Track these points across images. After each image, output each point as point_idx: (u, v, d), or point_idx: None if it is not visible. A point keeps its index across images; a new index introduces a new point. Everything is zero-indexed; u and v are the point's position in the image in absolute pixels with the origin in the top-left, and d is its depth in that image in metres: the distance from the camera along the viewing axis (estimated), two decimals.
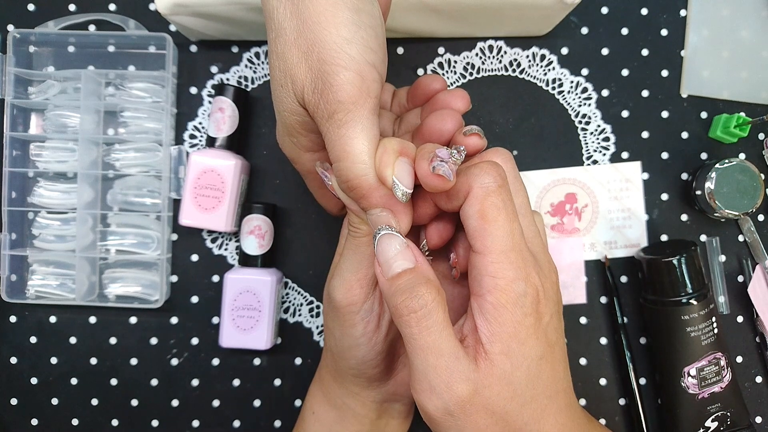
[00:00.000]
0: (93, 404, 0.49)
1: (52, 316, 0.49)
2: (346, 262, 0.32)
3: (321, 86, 0.27)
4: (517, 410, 0.27)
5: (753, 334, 0.49)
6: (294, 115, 0.30)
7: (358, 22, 0.27)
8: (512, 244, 0.27)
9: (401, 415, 0.39)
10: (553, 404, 0.28)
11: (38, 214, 0.48)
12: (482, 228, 0.27)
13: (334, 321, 0.34)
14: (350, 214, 0.31)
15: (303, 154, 0.32)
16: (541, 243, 0.30)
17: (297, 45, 0.27)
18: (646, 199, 0.49)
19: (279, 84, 0.29)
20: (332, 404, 0.38)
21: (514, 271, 0.27)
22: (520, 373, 0.27)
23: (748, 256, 0.50)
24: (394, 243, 0.28)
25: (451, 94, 0.36)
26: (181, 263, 0.49)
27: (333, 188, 0.30)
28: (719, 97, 0.50)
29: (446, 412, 0.27)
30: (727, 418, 0.44)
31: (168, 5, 0.41)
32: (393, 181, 0.27)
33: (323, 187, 0.35)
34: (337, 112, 0.27)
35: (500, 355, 0.27)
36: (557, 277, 0.30)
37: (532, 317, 0.27)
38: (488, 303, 0.27)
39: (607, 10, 0.49)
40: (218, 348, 0.49)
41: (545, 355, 0.28)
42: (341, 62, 0.26)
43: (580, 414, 0.31)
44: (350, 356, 0.34)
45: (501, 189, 0.27)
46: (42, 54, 0.49)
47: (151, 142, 0.48)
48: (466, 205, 0.28)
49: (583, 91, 0.49)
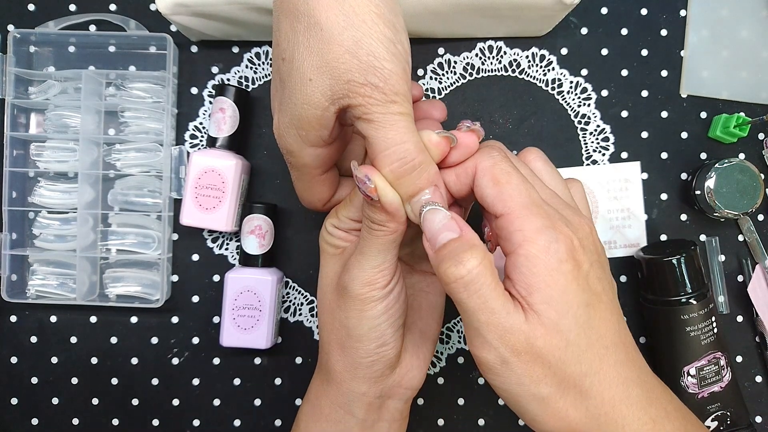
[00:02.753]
0: (93, 404, 0.49)
1: (53, 315, 0.49)
2: (368, 258, 0.32)
3: (375, 80, 0.28)
4: (573, 360, 0.27)
5: (753, 333, 0.49)
6: (316, 109, 0.30)
7: (397, 25, 0.29)
8: (530, 199, 0.29)
9: (401, 416, 0.39)
10: (611, 356, 0.28)
11: (39, 214, 0.48)
12: (499, 192, 0.29)
13: (348, 310, 0.33)
14: (375, 213, 0.31)
15: (306, 148, 0.32)
16: (562, 202, 0.31)
17: (338, 42, 0.28)
18: (645, 199, 0.49)
19: (306, 77, 0.29)
20: (329, 419, 0.37)
21: (541, 221, 0.28)
22: (567, 321, 0.27)
23: (747, 256, 0.50)
24: (439, 217, 0.29)
25: (431, 104, 0.38)
26: (181, 263, 0.49)
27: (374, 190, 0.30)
28: (719, 97, 0.50)
29: (502, 362, 0.27)
30: (726, 417, 0.44)
31: (169, 5, 0.41)
32: (438, 132, 0.31)
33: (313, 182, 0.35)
34: (395, 102, 0.29)
35: (542, 305, 0.27)
36: (591, 230, 0.30)
37: (568, 263, 0.27)
38: (520, 256, 0.28)
39: (607, 11, 0.50)
40: (219, 347, 0.49)
41: (591, 302, 0.28)
42: (391, 58, 0.29)
43: (645, 371, 0.30)
44: (369, 340, 0.34)
45: (505, 159, 0.30)
46: (42, 54, 0.49)
47: (151, 142, 0.48)
48: (478, 179, 0.30)
49: (583, 92, 0.49)
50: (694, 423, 0.30)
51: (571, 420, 0.28)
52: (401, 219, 0.31)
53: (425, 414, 0.49)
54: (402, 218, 0.31)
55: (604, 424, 0.28)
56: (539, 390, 0.28)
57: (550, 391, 0.28)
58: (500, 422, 0.49)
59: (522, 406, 0.29)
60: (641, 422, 0.28)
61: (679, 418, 0.29)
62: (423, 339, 0.37)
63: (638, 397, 0.28)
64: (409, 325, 0.37)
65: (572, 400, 0.28)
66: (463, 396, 0.49)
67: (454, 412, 0.49)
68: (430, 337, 0.38)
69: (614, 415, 0.28)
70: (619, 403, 0.28)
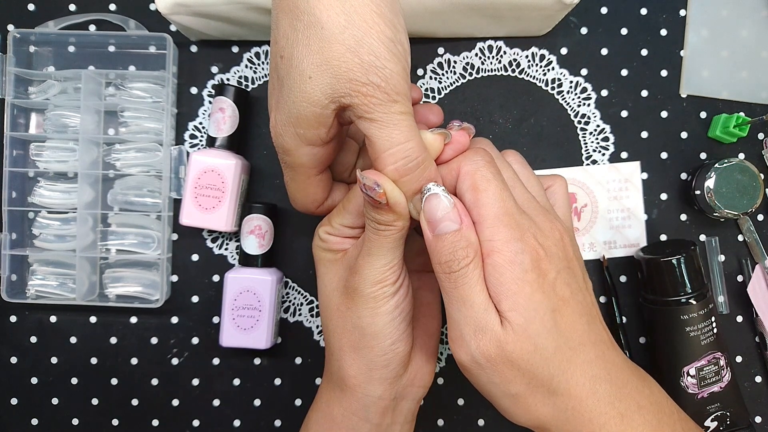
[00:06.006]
0: (93, 404, 0.49)
1: (53, 315, 0.49)
2: (378, 258, 0.33)
3: (377, 79, 0.29)
4: (541, 363, 0.29)
5: (752, 333, 0.49)
6: (315, 107, 0.30)
7: (397, 25, 0.30)
8: (504, 209, 0.30)
9: (412, 417, 0.39)
10: (578, 356, 0.30)
11: (38, 214, 0.48)
12: (476, 199, 0.30)
13: (360, 310, 0.34)
14: (383, 215, 0.31)
15: (303, 147, 0.32)
16: (538, 206, 0.32)
17: (340, 41, 0.28)
18: (645, 199, 0.49)
19: (306, 75, 0.29)
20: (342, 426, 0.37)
21: (509, 232, 0.29)
22: (535, 326, 0.29)
23: (747, 256, 0.50)
24: (442, 202, 0.30)
25: (428, 108, 0.39)
26: (181, 263, 0.49)
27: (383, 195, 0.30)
28: (719, 96, 0.50)
29: (474, 362, 0.30)
30: (726, 417, 0.44)
31: (168, 5, 0.41)
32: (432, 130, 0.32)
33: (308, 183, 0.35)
34: (397, 102, 0.29)
35: (511, 312, 0.29)
36: (562, 236, 0.31)
37: (533, 273, 0.29)
38: (488, 266, 0.29)
39: (607, 10, 0.50)
40: (218, 347, 0.49)
41: (558, 307, 0.30)
42: (392, 58, 0.29)
43: (618, 367, 0.31)
44: (384, 336, 0.34)
45: (489, 164, 0.31)
46: (42, 54, 0.49)
47: (151, 142, 0.48)
48: (460, 182, 0.31)
49: (583, 91, 0.49)
50: (671, 415, 0.31)
51: (540, 414, 0.30)
52: (407, 217, 0.32)
53: (425, 414, 0.49)
54: (408, 216, 0.32)
55: (572, 418, 0.30)
56: (509, 389, 0.30)
57: (520, 389, 0.30)
58: (500, 422, 0.49)
59: (495, 401, 0.31)
60: (608, 416, 0.30)
61: (652, 411, 0.31)
62: (427, 335, 0.38)
63: (606, 392, 0.30)
64: (414, 323, 0.37)
65: (541, 397, 0.30)
66: (463, 396, 0.49)
67: (454, 412, 0.49)
68: (433, 333, 0.39)
69: (581, 410, 0.30)
70: (586, 399, 0.30)
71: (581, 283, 0.32)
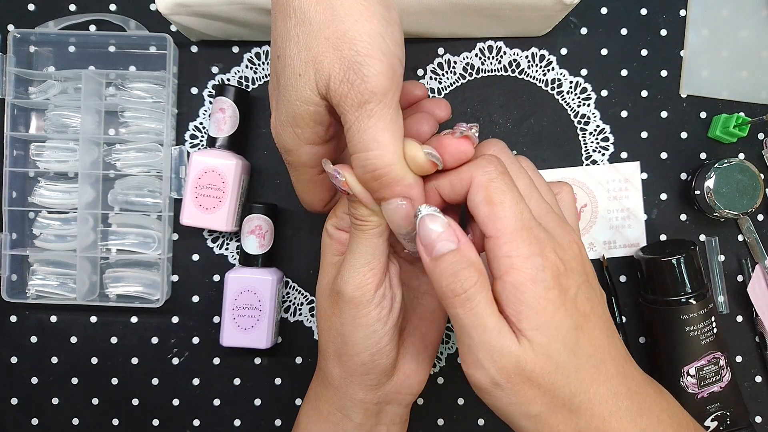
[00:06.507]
0: (93, 404, 0.49)
1: (53, 315, 0.49)
2: (357, 256, 0.32)
3: (352, 77, 0.27)
4: (563, 382, 0.28)
5: (752, 333, 0.49)
6: (308, 105, 0.30)
7: (388, 18, 0.28)
8: (522, 223, 0.28)
9: (401, 420, 0.38)
10: (600, 373, 0.29)
11: (39, 214, 0.49)
12: (491, 212, 0.28)
13: (343, 316, 0.33)
14: (357, 208, 0.31)
15: (302, 146, 0.32)
16: (556, 218, 0.31)
17: (325, 35, 0.28)
18: (645, 199, 0.49)
19: (297, 73, 0.29)
20: (328, 420, 0.37)
21: (528, 248, 0.28)
22: (557, 345, 0.27)
23: (747, 256, 0.50)
24: (436, 223, 0.29)
25: (435, 103, 0.37)
26: (181, 263, 0.49)
27: (346, 183, 0.30)
28: (718, 97, 0.50)
29: (493, 383, 0.28)
30: (726, 417, 0.44)
31: (169, 5, 0.41)
32: (426, 152, 0.29)
33: (312, 182, 0.35)
34: (369, 102, 0.27)
35: (532, 331, 0.27)
36: (580, 249, 0.30)
37: (555, 290, 0.28)
38: (508, 283, 0.28)
39: (607, 11, 0.50)
40: (219, 347, 0.49)
41: (580, 324, 0.28)
42: (376, 54, 0.27)
43: (637, 381, 0.30)
44: (364, 347, 0.33)
45: (503, 175, 0.29)
46: (42, 54, 0.49)
47: (151, 142, 0.48)
48: (472, 194, 0.29)
49: (583, 92, 0.49)
50: (687, 427, 0.31)
51: None
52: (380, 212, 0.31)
53: (425, 414, 0.49)
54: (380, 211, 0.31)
55: None
56: (530, 410, 0.28)
57: (541, 410, 0.28)
58: (500, 422, 0.49)
59: (514, 423, 0.30)
60: None
61: (672, 425, 0.30)
62: (424, 344, 0.37)
63: (628, 409, 0.29)
64: (411, 330, 0.37)
65: (563, 417, 0.28)
66: (463, 396, 0.49)
67: (454, 412, 0.49)
68: (432, 342, 0.37)
69: (604, 429, 0.28)
70: (609, 417, 0.28)
71: (599, 297, 0.30)
